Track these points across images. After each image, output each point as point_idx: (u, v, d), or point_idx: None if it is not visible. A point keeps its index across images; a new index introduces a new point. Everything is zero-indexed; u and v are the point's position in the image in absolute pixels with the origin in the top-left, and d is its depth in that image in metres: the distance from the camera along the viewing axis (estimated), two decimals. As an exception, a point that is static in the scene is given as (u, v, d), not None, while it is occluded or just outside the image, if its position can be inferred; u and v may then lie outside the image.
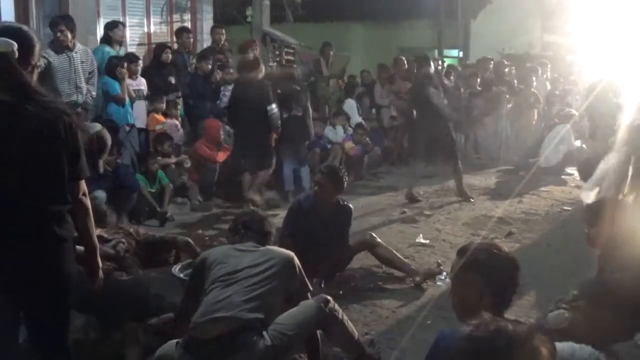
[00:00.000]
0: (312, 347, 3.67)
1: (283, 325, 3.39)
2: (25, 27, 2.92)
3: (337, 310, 3.64)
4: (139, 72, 8.47)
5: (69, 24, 7.38)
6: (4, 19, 8.61)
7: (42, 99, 2.67)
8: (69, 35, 7.33)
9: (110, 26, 8.79)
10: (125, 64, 7.95)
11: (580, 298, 2.73)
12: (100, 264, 3.12)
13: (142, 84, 8.46)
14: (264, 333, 3.29)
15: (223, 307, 3.28)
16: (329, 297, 3.65)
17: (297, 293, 3.64)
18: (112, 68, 7.88)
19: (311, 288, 3.79)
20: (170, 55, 9.02)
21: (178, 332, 3.54)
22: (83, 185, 2.92)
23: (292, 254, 3.67)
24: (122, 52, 8.78)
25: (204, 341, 3.22)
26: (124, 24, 9.27)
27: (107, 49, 8.49)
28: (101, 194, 6.23)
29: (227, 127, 8.93)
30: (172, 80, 8.96)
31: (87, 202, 2.96)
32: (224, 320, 3.24)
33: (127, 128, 8.07)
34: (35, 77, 2.78)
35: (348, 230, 5.54)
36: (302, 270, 3.66)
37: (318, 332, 3.65)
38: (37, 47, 2.81)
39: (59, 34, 7.31)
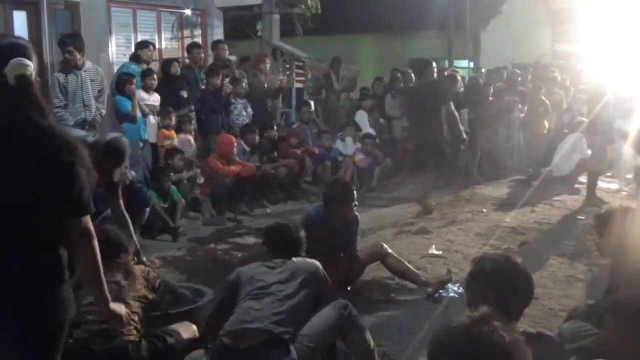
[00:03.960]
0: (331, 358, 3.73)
1: (307, 337, 3.47)
2: (22, 40, 2.62)
3: (356, 315, 3.73)
4: (154, 87, 8.54)
5: (77, 43, 7.44)
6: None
7: (48, 125, 2.44)
8: (77, 55, 7.39)
9: (142, 45, 8.95)
10: (135, 81, 8.01)
11: (608, 314, 2.67)
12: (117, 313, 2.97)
13: (157, 99, 8.52)
14: (291, 347, 3.37)
15: (256, 319, 3.38)
16: (347, 302, 3.75)
17: (326, 299, 3.74)
18: (121, 85, 7.95)
19: (337, 294, 3.88)
20: (179, 68, 9.10)
21: (202, 343, 3.64)
22: (85, 223, 2.54)
23: (316, 263, 3.83)
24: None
25: (236, 350, 3.29)
26: (154, 45, 9.39)
27: (134, 66, 8.60)
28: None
29: (242, 143, 8.98)
30: (184, 94, 9.02)
31: (93, 243, 2.60)
32: (257, 332, 3.33)
33: (141, 144, 8.13)
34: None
35: (356, 239, 5.53)
36: (327, 276, 3.82)
37: (337, 341, 3.71)
38: (35, 61, 2.53)
39: (67, 55, 7.38)
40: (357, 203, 5.40)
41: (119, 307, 3.02)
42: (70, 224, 2.48)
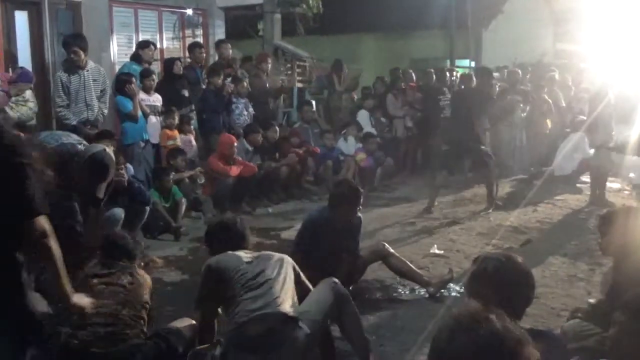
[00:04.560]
0: (327, 345, 3.84)
1: (310, 313, 3.60)
2: None
3: (345, 291, 3.87)
4: (154, 87, 8.53)
5: (81, 44, 7.45)
6: (19, 37, 8.76)
7: None
8: (82, 55, 7.40)
9: (142, 45, 8.94)
10: (134, 80, 8.00)
11: (622, 312, 2.64)
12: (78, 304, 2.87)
13: (157, 100, 8.51)
14: (300, 323, 3.50)
15: (265, 305, 3.49)
16: (335, 279, 3.85)
17: (301, 285, 3.87)
18: (121, 85, 7.94)
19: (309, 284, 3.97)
20: (181, 67, 9.09)
21: (203, 340, 3.73)
22: (40, 223, 2.48)
23: (284, 255, 3.94)
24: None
25: (255, 335, 3.41)
26: (155, 45, 9.39)
27: (135, 66, 8.60)
28: (119, 213, 6.24)
29: (245, 143, 8.98)
30: (186, 93, 9.02)
31: (49, 243, 2.53)
32: (272, 315, 3.46)
33: (142, 144, 8.13)
34: None
35: (358, 240, 5.53)
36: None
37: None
38: None
39: (72, 55, 7.39)
40: (361, 207, 5.39)
41: (80, 299, 2.93)
42: (26, 225, 2.44)
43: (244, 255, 3.81)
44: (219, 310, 3.81)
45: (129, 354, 3.47)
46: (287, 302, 3.56)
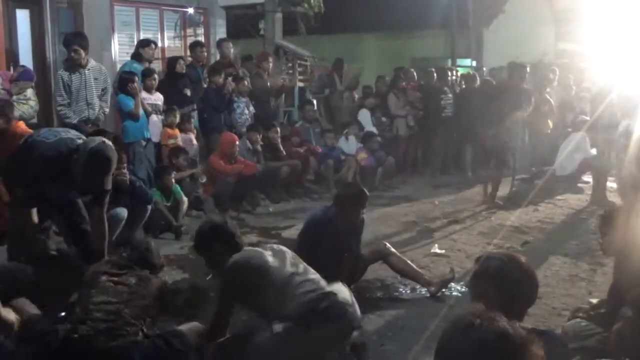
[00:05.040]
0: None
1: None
2: None
3: None
4: (155, 86, 8.52)
5: (82, 42, 7.44)
6: (20, 36, 8.75)
7: None
8: (82, 54, 7.39)
9: (143, 44, 8.92)
10: (137, 79, 8.00)
11: (629, 308, 2.64)
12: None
13: (159, 98, 8.51)
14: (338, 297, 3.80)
15: (319, 287, 3.77)
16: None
17: None
18: (123, 84, 7.94)
19: None
20: (184, 66, 9.09)
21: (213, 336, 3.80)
22: None
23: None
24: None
25: (325, 309, 3.66)
26: (156, 44, 9.38)
27: (136, 65, 8.60)
28: (122, 212, 6.23)
29: (247, 141, 8.98)
30: (188, 92, 9.01)
31: None
32: (328, 294, 3.73)
33: (144, 143, 8.12)
34: None
35: (360, 239, 5.53)
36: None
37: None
38: None
39: (73, 54, 7.38)
40: (365, 211, 5.39)
41: (9, 314, 2.92)
42: None
43: (263, 250, 3.93)
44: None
45: (126, 350, 3.46)
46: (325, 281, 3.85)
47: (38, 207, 4.85)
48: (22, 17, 8.83)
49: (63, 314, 3.75)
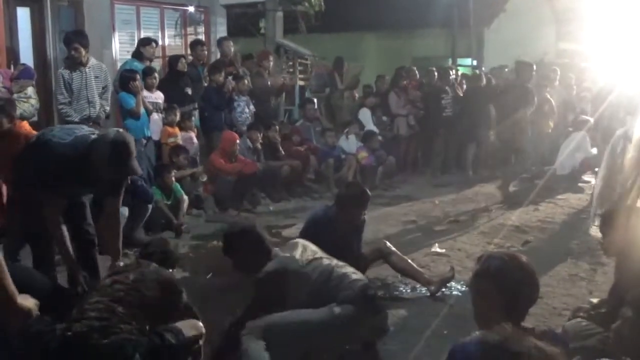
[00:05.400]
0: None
1: None
2: None
3: None
4: (156, 85, 8.52)
5: (82, 40, 7.43)
6: (20, 34, 8.74)
7: None
8: (83, 52, 7.39)
9: (144, 42, 8.93)
10: (138, 77, 8.00)
11: (629, 307, 2.64)
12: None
13: (159, 97, 8.51)
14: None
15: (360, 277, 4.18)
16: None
17: None
18: (125, 82, 7.94)
19: None
20: (185, 65, 9.09)
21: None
22: None
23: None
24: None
25: (373, 295, 4.11)
26: (157, 42, 9.38)
27: (136, 63, 8.60)
28: (123, 211, 6.20)
29: (247, 140, 8.98)
30: (189, 91, 9.01)
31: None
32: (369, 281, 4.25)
33: (144, 141, 8.12)
34: None
35: (361, 238, 5.52)
36: None
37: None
38: None
39: (72, 52, 7.37)
40: (366, 212, 5.40)
41: (26, 300, 2.85)
42: None
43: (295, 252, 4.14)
44: None
45: (119, 347, 3.45)
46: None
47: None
48: (23, 15, 8.82)
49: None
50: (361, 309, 3.95)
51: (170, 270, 4.08)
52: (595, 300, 4.41)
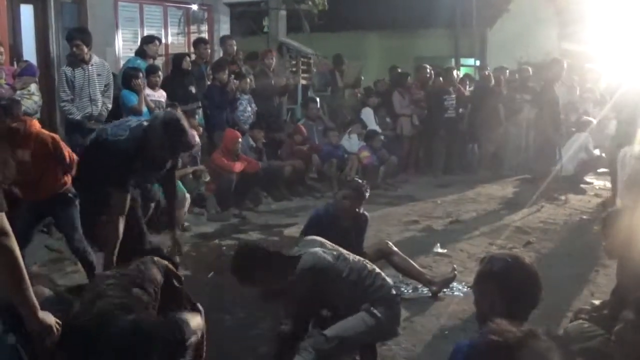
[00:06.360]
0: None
1: None
2: None
3: None
4: (159, 84, 8.51)
5: (84, 37, 7.43)
6: (24, 31, 8.74)
7: None
8: (85, 49, 7.38)
9: (147, 40, 8.92)
10: (141, 75, 7.99)
11: (631, 310, 2.64)
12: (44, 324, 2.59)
13: (162, 95, 8.49)
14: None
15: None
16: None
17: None
18: (128, 79, 7.93)
19: None
20: (190, 63, 9.08)
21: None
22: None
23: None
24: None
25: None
26: (160, 40, 9.37)
27: (139, 61, 8.59)
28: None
29: (250, 139, 8.97)
30: (193, 89, 9.00)
31: (7, 243, 2.33)
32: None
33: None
34: None
35: (363, 238, 5.52)
36: None
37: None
38: None
39: (75, 49, 7.36)
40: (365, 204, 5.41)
41: (48, 317, 2.66)
42: None
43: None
44: None
45: (102, 326, 3.41)
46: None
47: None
48: (26, 12, 8.82)
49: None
50: (392, 310, 3.98)
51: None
52: (597, 302, 4.40)
